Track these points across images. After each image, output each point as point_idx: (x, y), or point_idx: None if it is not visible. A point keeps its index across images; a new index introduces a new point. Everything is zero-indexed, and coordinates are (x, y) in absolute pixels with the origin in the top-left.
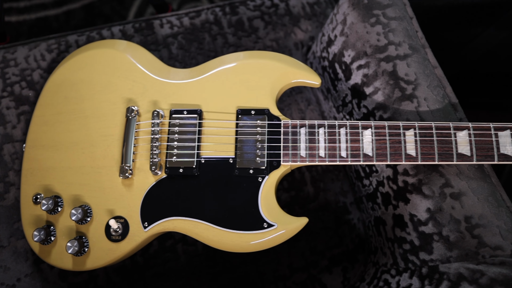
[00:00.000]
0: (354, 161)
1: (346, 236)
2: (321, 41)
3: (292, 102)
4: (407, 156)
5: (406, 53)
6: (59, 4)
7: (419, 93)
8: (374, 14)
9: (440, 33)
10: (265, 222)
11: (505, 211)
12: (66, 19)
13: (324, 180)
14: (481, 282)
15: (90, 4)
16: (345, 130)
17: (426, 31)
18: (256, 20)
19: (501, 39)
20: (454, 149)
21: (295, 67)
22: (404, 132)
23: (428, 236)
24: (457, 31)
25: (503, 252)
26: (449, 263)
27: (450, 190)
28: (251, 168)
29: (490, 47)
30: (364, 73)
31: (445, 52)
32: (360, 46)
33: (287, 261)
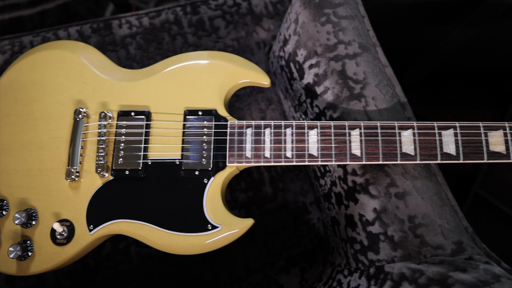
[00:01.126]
0: (299, 162)
1: (304, 236)
2: (279, 40)
3: (252, 101)
4: (352, 156)
5: (355, 52)
6: (33, 4)
7: (367, 93)
8: (325, 13)
9: (411, 31)
10: (209, 224)
11: (449, 210)
12: (41, 19)
13: (284, 180)
14: (420, 282)
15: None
16: (291, 131)
17: (395, 28)
18: (217, 19)
19: (471, 37)
20: (398, 148)
21: (244, 67)
22: (349, 132)
23: (375, 236)
24: (428, 28)
25: (444, 251)
26: (394, 263)
27: (395, 189)
28: (197, 170)
29: (462, 45)
30: (315, 73)
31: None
32: (311, 45)
33: (243, 262)
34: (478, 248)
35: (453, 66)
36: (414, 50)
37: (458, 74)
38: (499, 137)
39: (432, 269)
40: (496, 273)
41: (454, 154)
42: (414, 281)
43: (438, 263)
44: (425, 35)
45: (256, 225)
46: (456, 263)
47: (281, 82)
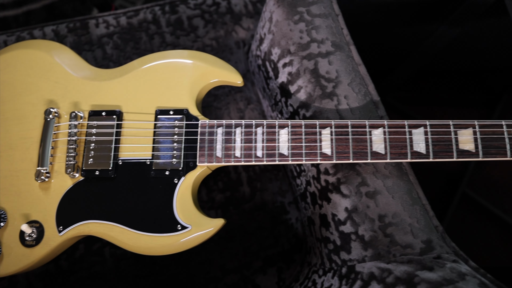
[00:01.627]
0: (269, 161)
1: (282, 236)
2: (256, 40)
3: (231, 101)
4: (322, 155)
5: (328, 50)
6: (19, 4)
7: (340, 91)
8: (298, 11)
9: (395, 30)
10: (179, 224)
11: (420, 209)
12: (26, 19)
13: (262, 180)
14: (388, 281)
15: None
16: (261, 130)
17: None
18: (196, 18)
19: (455, 36)
20: (368, 147)
21: (216, 66)
22: (320, 131)
23: (347, 235)
24: (412, 28)
25: (413, 250)
26: (364, 262)
27: (366, 189)
28: (167, 169)
29: (446, 44)
30: (289, 71)
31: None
32: (285, 44)
33: (219, 263)
34: (447, 247)
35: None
36: (401, 49)
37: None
38: (468, 135)
39: (400, 268)
40: (462, 272)
41: (424, 152)
42: (382, 280)
43: (406, 262)
44: (410, 35)
45: (233, 225)
46: (424, 262)
47: (259, 81)
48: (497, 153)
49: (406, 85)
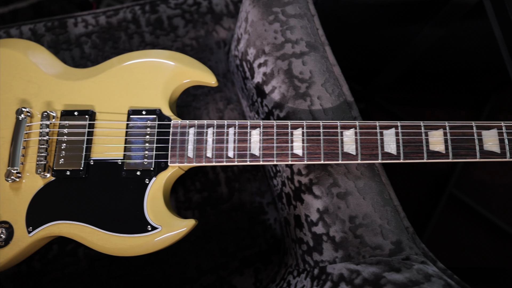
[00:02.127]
0: (240, 162)
1: (260, 236)
2: (234, 39)
3: (210, 101)
4: (294, 155)
5: (302, 51)
6: (5, 3)
7: (313, 92)
8: (273, 11)
9: (381, 31)
10: (149, 225)
11: (391, 210)
12: (13, 18)
13: (240, 181)
14: (356, 283)
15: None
16: (233, 130)
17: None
18: (176, 18)
19: (439, 37)
20: (340, 148)
21: (189, 66)
22: (292, 132)
23: (319, 236)
24: (398, 29)
25: (382, 251)
26: (335, 263)
27: (337, 189)
28: (138, 170)
29: (431, 45)
30: (263, 72)
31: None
32: (260, 44)
33: (195, 263)
34: (416, 248)
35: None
36: (387, 50)
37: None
38: (439, 136)
39: (369, 270)
40: (429, 273)
41: (394, 153)
42: (351, 282)
43: (375, 263)
44: (396, 35)
45: (209, 226)
46: (392, 264)
47: (238, 81)
48: (467, 154)
49: (395, 85)
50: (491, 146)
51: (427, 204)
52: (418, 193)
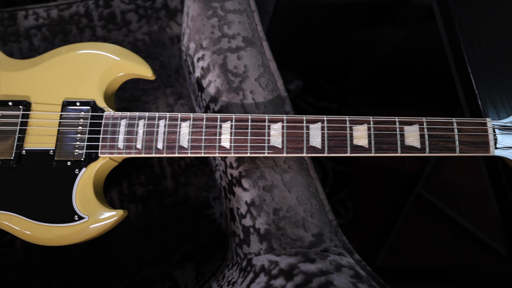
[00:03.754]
0: (169, 153)
1: (203, 230)
2: (181, 35)
3: (160, 96)
4: (221, 148)
5: (239, 46)
6: None
7: (246, 86)
8: (212, 6)
9: (346, 31)
10: (76, 215)
11: (316, 203)
12: None
13: (187, 175)
14: (273, 273)
15: None
16: (164, 122)
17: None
18: (130, 13)
19: (400, 39)
20: (266, 141)
21: (125, 58)
22: (221, 125)
23: (247, 229)
24: (362, 29)
25: (302, 243)
26: (260, 255)
27: (264, 182)
28: (69, 160)
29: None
30: (201, 66)
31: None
32: (198, 39)
33: (136, 256)
34: (337, 240)
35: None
36: (355, 50)
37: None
38: (363, 131)
39: (287, 261)
40: (341, 264)
41: (319, 147)
42: (269, 272)
43: (294, 254)
44: (362, 36)
45: (152, 219)
46: (308, 255)
47: (186, 76)
48: (389, 149)
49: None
50: (412, 141)
51: (396, 204)
52: (388, 194)
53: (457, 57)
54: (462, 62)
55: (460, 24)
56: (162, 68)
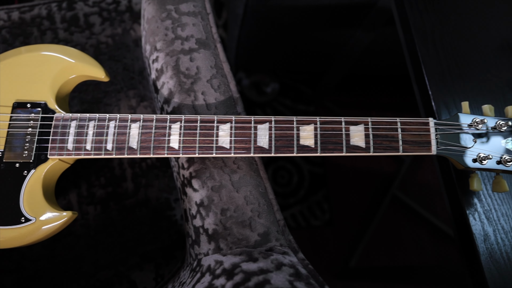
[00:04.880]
0: (119, 154)
1: (163, 232)
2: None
3: (122, 98)
4: (170, 149)
5: (192, 47)
6: None
7: (197, 87)
8: (166, 9)
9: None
10: (23, 217)
11: (264, 203)
12: None
13: (147, 176)
14: (216, 273)
15: None
16: (114, 123)
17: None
18: (93, 16)
19: (370, 41)
20: (214, 142)
21: (78, 60)
22: (170, 125)
23: (198, 229)
24: (332, 32)
25: (248, 243)
26: (208, 255)
27: (213, 183)
28: (18, 162)
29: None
30: (156, 68)
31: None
32: (153, 41)
33: (94, 258)
34: (284, 240)
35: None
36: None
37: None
38: (310, 131)
39: (231, 260)
40: (283, 263)
41: (266, 147)
42: (213, 272)
43: (238, 254)
44: (332, 38)
45: (111, 221)
46: (252, 254)
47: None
48: (334, 149)
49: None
50: (357, 141)
51: (371, 205)
52: (363, 195)
53: (413, 58)
54: (417, 63)
55: (415, 26)
56: (125, 70)
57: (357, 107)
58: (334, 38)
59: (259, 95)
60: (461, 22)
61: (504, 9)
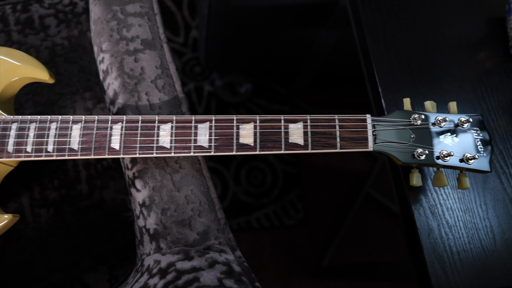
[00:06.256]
0: (59, 156)
1: (118, 233)
2: None
3: (78, 100)
4: (111, 149)
5: (137, 48)
6: None
7: (141, 88)
8: (112, 10)
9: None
10: None
11: (206, 202)
12: None
13: (103, 178)
14: (153, 272)
15: None
16: (55, 125)
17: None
18: (49, 18)
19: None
20: (155, 142)
21: (20, 61)
22: (112, 126)
23: (141, 229)
24: (298, 32)
25: (187, 242)
26: (150, 255)
27: (154, 182)
28: None
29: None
30: (102, 69)
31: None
32: (99, 42)
33: (45, 261)
34: (223, 238)
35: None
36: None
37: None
38: (250, 129)
39: (168, 260)
40: (217, 261)
41: (206, 146)
42: (150, 272)
43: (176, 253)
44: (298, 38)
45: (64, 224)
46: (189, 253)
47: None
48: (273, 147)
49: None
50: (296, 139)
51: (345, 204)
52: (337, 194)
53: (365, 57)
54: (369, 61)
55: (368, 25)
56: (81, 72)
57: (331, 106)
58: (300, 38)
59: (233, 96)
60: (413, 22)
61: (456, 8)
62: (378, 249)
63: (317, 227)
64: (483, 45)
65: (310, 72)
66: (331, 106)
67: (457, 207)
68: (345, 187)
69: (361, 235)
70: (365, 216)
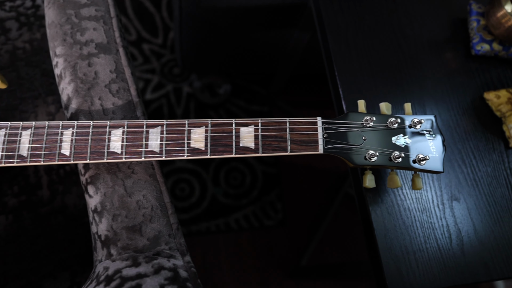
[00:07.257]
0: (8, 163)
1: (80, 239)
2: None
3: (40, 104)
4: (61, 155)
5: (91, 52)
6: None
7: (94, 93)
8: (66, 13)
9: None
10: None
11: (158, 207)
12: None
13: (65, 183)
14: (100, 279)
15: None
16: (4, 132)
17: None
18: (10, 21)
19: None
20: (106, 147)
21: None
22: (62, 132)
23: (94, 236)
24: (271, 33)
25: (136, 247)
26: (101, 262)
27: (106, 188)
28: None
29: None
30: (56, 74)
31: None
32: (53, 46)
33: (2, 269)
34: (174, 243)
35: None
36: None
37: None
38: (201, 133)
39: (116, 266)
40: (164, 266)
41: (157, 151)
42: (98, 279)
43: (125, 259)
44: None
45: (23, 230)
46: (137, 259)
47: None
48: (224, 151)
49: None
50: (247, 142)
51: (324, 203)
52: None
53: (327, 57)
54: (330, 62)
55: (329, 26)
56: (44, 76)
57: (311, 106)
58: (275, 39)
59: (212, 97)
60: (375, 23)
61: (419, 9)
62: (357, 249)
63: (296, 227)
64: (445, 45)
65: (286, 73)
66: (311, 106)
67: (414, 207)
68: (324, 187)
69: (340, 235)
70: (344, 215)
